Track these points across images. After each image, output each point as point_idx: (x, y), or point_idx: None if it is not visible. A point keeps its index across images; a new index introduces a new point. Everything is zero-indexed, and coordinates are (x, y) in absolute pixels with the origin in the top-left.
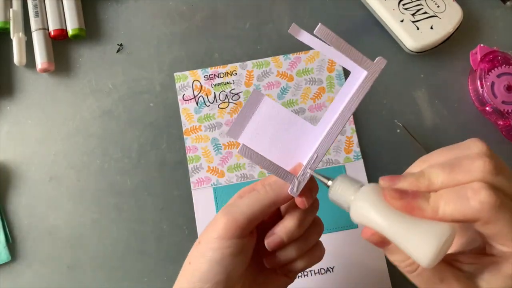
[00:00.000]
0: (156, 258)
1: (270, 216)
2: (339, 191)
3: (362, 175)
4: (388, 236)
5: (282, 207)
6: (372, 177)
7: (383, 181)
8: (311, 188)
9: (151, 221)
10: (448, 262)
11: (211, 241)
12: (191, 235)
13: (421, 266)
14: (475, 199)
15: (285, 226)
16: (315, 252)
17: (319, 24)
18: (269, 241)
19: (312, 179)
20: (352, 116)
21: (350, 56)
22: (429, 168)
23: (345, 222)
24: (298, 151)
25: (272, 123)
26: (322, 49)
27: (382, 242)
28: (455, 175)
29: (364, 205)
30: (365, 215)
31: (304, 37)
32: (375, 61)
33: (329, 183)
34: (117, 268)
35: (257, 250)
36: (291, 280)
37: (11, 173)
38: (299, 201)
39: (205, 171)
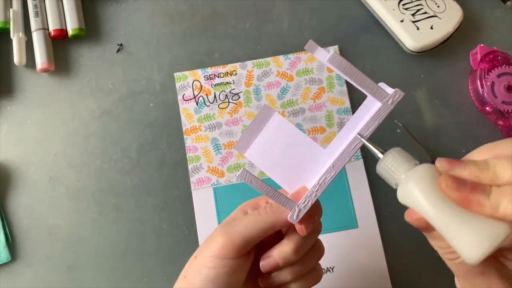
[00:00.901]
0: (156, 258)
1: (271, 234)
2: (390, 166)
3: (362, 175)
4: (435, 225)
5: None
6: (372, 177)
7: (440, 163)
8: (312, 214)
9: (151, 221)
10: (493, 256)
11: (207, 259)
12: (191, 235)
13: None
14: None
15: (282, 251)
16: (312, 275)
17: (332, 52)
18: (264, 264)
19: (314, 205)
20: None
21: (364, 86)
22: (495, 159)
23: (345, 222)
24: (304, 173)
25: (280, 141)
26: (329, 64)
27: (426, 228)
28: None
29: (415, 187)
30: (413, 198)
31: (320, 54)
32: (391, 92)
33: (380, 155)
34: (117, 268)
35: (255, 266)
36: None
37: (11, 173)
38: (298, 228)
39: (205, 171)
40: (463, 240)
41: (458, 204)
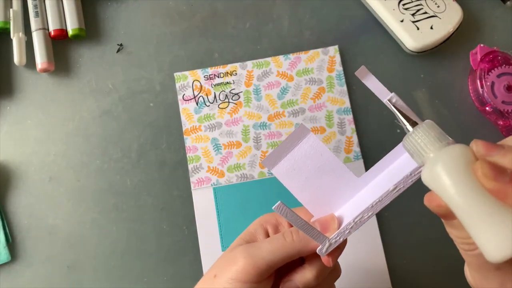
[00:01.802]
0: (156, 258)
1: None
2: (419, 141)
3: None
4: (460, 216)
5: None
6: None
7: (476, 146)
8: (340, 247)
9: (151, 221)
10: None
11: (227, 281)
12: (191, 235)
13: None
14: None
15: (304, 276)
16: None
17: (393, 93)
18: (285, 287)
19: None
20: (352, 117)
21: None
22: None
23: None
24: (333, 199)
25: (311, 163)
26: (385, 99)
27: (447, 215)
28: None
29: (443, 170)
30: (440, 183)
31: (371, 82)
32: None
33: (410, 127)
34: (117, 268)
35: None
36: None
37: (11, 173)
38: (325, 259)
39: (205, 171)
40: (489, 235)
41: (493, 195)
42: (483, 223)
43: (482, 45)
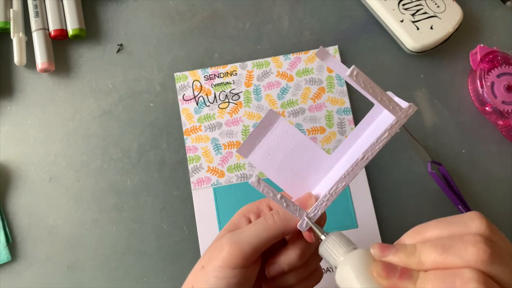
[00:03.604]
0: (156, 258)
1: None
2: (331, 248)
3: (362, 175)
4: None
5: None
6: (372, 178)
7: (373, 249)
8: (319, 221)
9: (151, 221)
10: None
11: (216, 269)
12: (191, 235)
13: None
14: None
15: (288, 257)
16: (314, 276)
17: (353, 66)
18: (270, 270)
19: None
20: (352, 117)
21: (380, 101)
22: (421, 244)
23: (345, 222)
24: (309, 178)
25: (285, 146)
26: (348, 78)
27: None
28: (446, 257)
29: (350, 272)
30: (349, 283)
31: (331, 62)
32: (405, 107)
33: (323, 237)
34: (117, 268)
35: (258, 272)
36: None
37: (11, 173)
38: (307, 235)
39: (205, 171)
40: None
41: None
42: None
43: (482, 45)
